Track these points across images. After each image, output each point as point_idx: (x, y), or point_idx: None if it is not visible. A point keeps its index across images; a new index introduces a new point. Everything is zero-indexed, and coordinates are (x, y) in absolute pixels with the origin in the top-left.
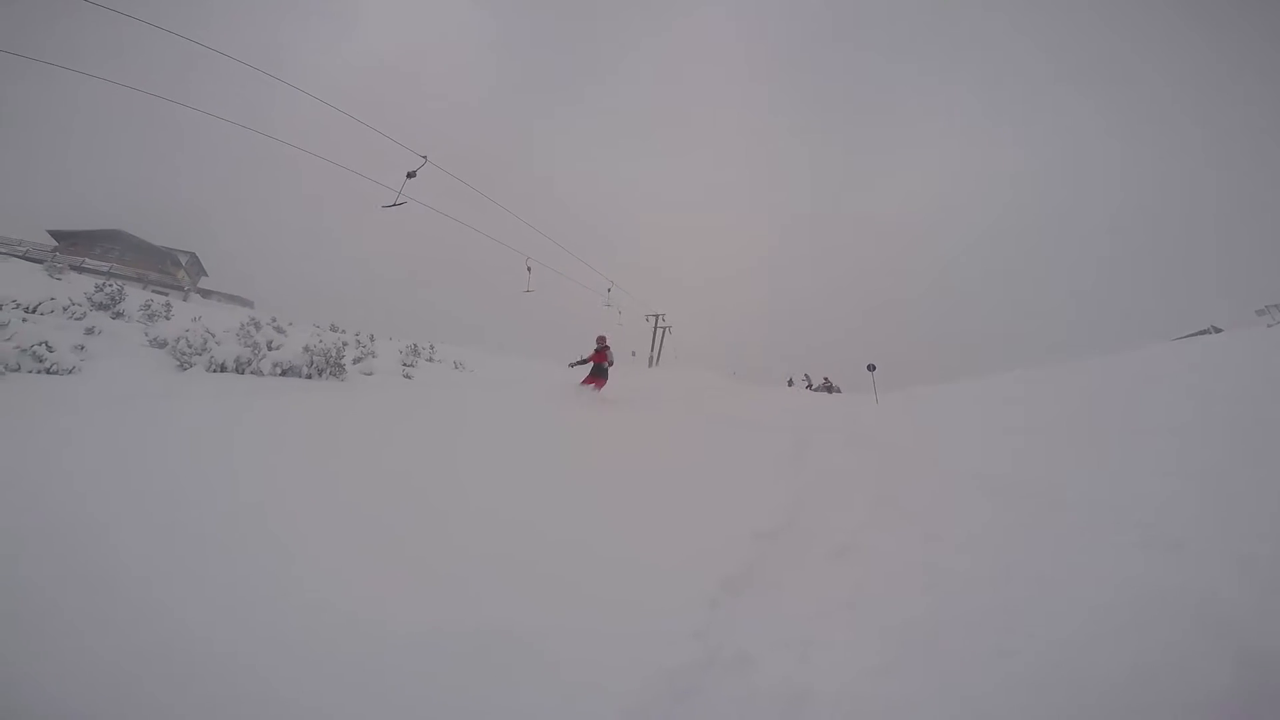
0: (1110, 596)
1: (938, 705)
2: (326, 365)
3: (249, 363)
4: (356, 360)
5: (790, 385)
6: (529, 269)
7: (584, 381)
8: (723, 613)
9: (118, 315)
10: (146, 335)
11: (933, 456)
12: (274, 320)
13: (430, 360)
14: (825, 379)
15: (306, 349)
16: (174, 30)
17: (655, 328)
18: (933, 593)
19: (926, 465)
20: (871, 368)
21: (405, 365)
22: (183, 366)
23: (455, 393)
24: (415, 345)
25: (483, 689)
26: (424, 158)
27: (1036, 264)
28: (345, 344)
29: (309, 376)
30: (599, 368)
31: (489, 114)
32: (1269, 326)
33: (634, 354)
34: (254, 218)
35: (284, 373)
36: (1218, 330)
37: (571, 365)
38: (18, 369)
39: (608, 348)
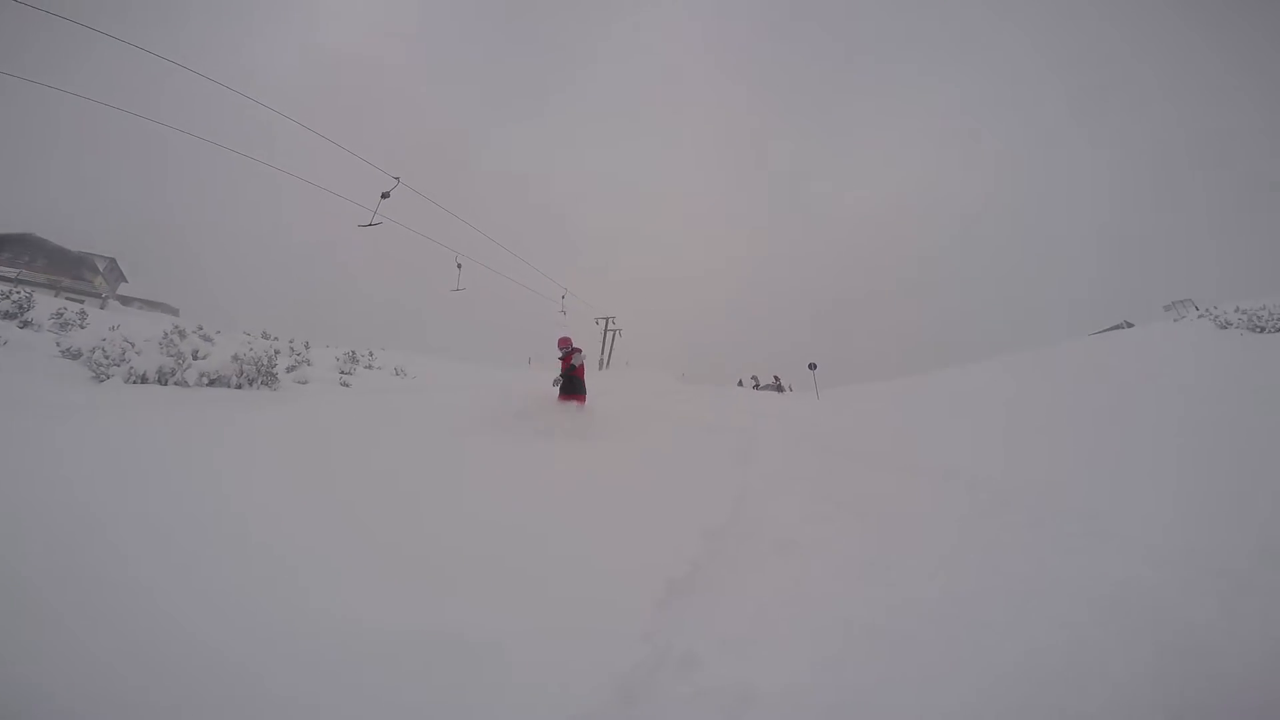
0: (1046, 585)
1: (885, 700)
2: (258, 374)
3: (172, 373)
4: (290, 369)
5: (740, 385)
6: (459, 265)
7: (561, 399)
8: (670, 613)
9: (26, 324)
10: (58, 345)
11: (868, 451)
12: (200, 328)
13: (369, 368)
14: (775, 377)
15: (236, 358)
16: (104, 31)
17: (605, 330)
18: (876, 586)
19: (861, 458)
20: (812, 366)
21: (343, 373)
22: (99, 378)
23: (390, 399)
24: (353, 352)
25: (431, 693)
26: (397, 179)
27: (1006, 264)
28: (278, 352)
29: (239, 386)
30: (572, 380)
31: (453, 114)
32: (1174, 321)
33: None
34: (190, 220)
35: (211, 383)
36: (1130, 325)
37: (555, 383)
38: None
39: (576, 350)
